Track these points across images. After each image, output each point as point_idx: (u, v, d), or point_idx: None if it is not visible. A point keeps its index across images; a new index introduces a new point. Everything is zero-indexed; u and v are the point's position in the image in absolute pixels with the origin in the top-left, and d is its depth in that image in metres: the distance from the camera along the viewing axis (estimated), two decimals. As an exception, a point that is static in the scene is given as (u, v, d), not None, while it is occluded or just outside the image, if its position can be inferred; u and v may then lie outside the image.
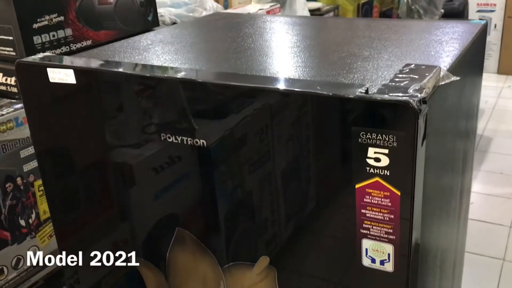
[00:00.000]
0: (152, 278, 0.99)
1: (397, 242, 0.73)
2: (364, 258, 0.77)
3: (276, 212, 0.85)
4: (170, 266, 0.96)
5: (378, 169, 0.70)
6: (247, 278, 0.88)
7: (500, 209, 2.95)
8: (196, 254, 0.92)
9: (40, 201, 1.35)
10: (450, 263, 1.19)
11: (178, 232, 0.92)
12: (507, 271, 2.49)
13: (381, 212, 0.73)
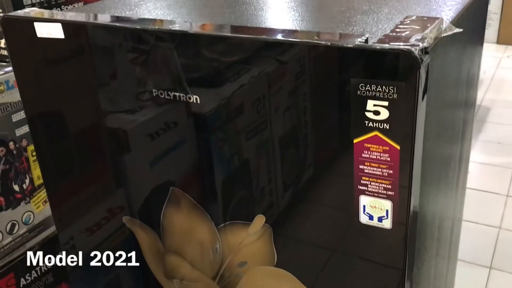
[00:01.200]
0: (147, 239, 0.98)
1: (395, 198, 0.72)
2: (362, 215, 0.75)
3: (273, 172, 0.84)
4: (165, 226, 0.94)
5: (377, 122, 0.68)
6: (242, 237, 0.87)
7: (497, 178, 2.96)
8: (191, 214, 0.90)
9: (33, 166, 1.33)
10: (447, 231, 1.19)
11: (172, 192, 0.91)
12: (503, 239, 2.51)
13: (379, 168, 0.71)
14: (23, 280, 1.33)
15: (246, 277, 0.89)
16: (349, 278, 0.85)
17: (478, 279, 2.28)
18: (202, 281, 0.94)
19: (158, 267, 0.99)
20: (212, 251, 0.91)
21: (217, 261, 0.91)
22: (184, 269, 0.95)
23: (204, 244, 0.91)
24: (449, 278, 1.45)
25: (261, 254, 0.86)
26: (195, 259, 0.94)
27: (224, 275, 0.92)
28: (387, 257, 0.79)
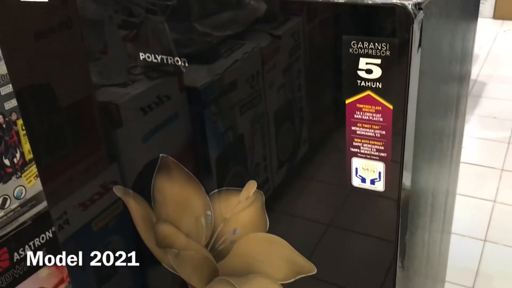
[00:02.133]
0: (138, 208, 0.97)
1: (388, 160, 0.71)
2: (354, 178, 0.74)
3: (268, 148, 0.83)
4: (155, 195, 0.94)
5: (370, 81, 0.67)
6: (234, 204, 0.86)
7: (492, 153, 2.97)
8: (182, 182, 0.90)
9: (24, 141, 1.32)
10: (441, 204, 1.19)
11: (163, 160, 0.90)
12: (498, 213, 2.53)
13: (372, 129, 0.70)
14: (17, 255, 1.32)
15: (239, 244, 0.89)
16: (343, 248, 0.84)
17: (473, 252, 2.30)
18: (194, 249, 0.94)
19: (150, 237, 0.98)
20: (204, 219, 0.90)
21: (209, 229, 0.91)
22: (176, 237, 0.95)
23: (196, 212, 0.90)
24: (443, 251, 1.45)
25: (253, 221, 0.86)
26: (187, 228, 0.93)
27: (217, 242, 0.92)
28: (380, 221, 0.78)
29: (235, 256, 0.90)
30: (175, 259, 0.97)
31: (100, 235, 1.09)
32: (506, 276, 2.20)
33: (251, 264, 0.89)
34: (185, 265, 0.97)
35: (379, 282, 0.82)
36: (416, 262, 0.96)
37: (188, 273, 0.97)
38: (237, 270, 0.91)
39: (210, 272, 0.94)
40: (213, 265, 0.93)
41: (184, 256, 0.96)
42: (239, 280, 0.91)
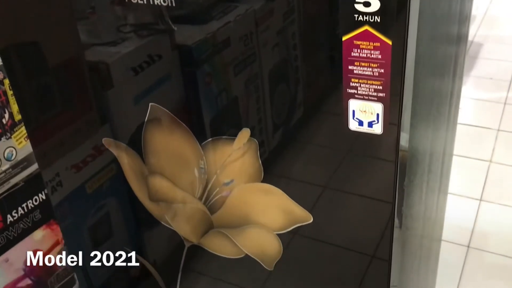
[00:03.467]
0: (130, 162, 0.95)
1: (386, 100, 0.69)
2: (351, 121, 0.72)
3: (263, 111, 0.81)
4: (147, 146, 0.92)
5: (368, 15, 0.64)
6: (227, 154, 0.84)
7: (488, 113, 2.98)
8: (173, 132, 0.87)
9: (12, 101, 1.29)
10: (437, 165, 1.18)
11: (152, 109, 0.87)
12: (494, 172, 2.55)
13: (370, 67, 0.67)
14: (10, 217, 1.31)
15: (233, 195, 0.88)
16: (339, 209, 0.84)
17: (469, 211, 2.33)
18: (188, 202, 0.92)
19: (143, 191, 0.97)
20: (197, 170, 0.89)
21: (202, 181, 0.89)
22: (169, 190, 0.93)
23: (188, 163, 0.89)
24: (440, 210, 1.46)
25: (247, 170, 0.84)
26: (180, 180, 0.92)
27: (210, 194, 0.90)
28: (376, 181, 0.77)
29: (230, 207, 0.89)
30: (169, 213, 0.96)
31: (94, 197, 1.08)
32: (501, 235, 2.23)
33: (246, 215, 0.88)
34: (179, 218, 0.95)
35: (375, 241, 0.82)
36: (413, 222, 0.95)
37: (182, 226, 0.96)
38: (232, 222, 0.90)
39: (205, 225, 0.93)
40: (208, 217, 0.92)
41: (178, 209, 0.94)
42: (234, 231, 0.90)
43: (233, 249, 0.92)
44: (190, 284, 1.03)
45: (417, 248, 1.07)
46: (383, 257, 0.82)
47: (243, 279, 0.98)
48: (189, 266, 1.01)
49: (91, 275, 1.21)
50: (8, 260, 1.35)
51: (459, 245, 2.16)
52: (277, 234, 0.87)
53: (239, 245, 0.90)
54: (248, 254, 0.91)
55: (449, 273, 2.01)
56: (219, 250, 0.94)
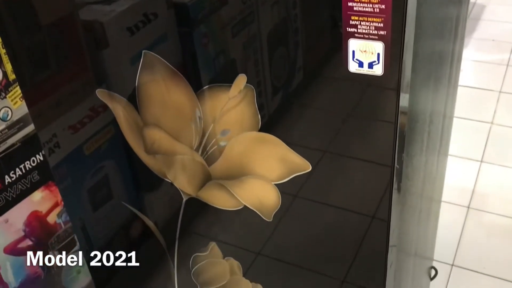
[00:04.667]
0: (124, 113, 0.93)
1: (387, 39, 0.66)
2: (351, 63, 0.70)
3: (262, 74, 0.79)
4: (141, 96, 0.90)
5: None
6: (224, 101, 0.83)
7: (490, 75, 2.97)
8: (167, 80, 0.85)
9: (5, 59, 1.27)
10: (438, 127, 1.18)
11: (146, 56, 0.85)
12: (495, 134, 2.55)
13: (370, 3, 0.64)
14: (8, 178, 1.31)
15: (230, 145, 0.86)
16: (339, 173, 0.83)
17: (469, 173, 2.34)
18: (184, 154, 0.91)
19: (139, 144, 0.95)
20: (192, 120, 0.87)
21: (198, 131, 0.87)
22: (165, 142, 0.91)
23: (184, 113, 0.87)
24: (440, 172, 1.46)
25: (244, 119, 0.82)
26: (175, 131, 0.90)
27: (207, 145, 0.89)
28: (376, 144, 0.76)
29: (227, 158, 0.88)
30: (166, 165, 0.94)
31: (92, 159, 1.08)
32: (501, 195, 2.25)
33: (243, 166, 0.87)
34: (177, 171, 0.94)
35: (375, 203, 0.82)
36: (412, 184, 0.95)
37: (180, 179, 0.95)
38: (229, 173, 0.89)
39: (203, 177, 0.92)
40: (205, 169, 0.90)
41: (175, 161, 0.93)
42: (232, 183, 0.89)
43: (231, 200, 0.90)
44: (189, 246, 1.03)
45: (417, 209, 1.07)
46: (383, 218, 0.82)
47: (241, 239, 0.99)
48: (189, 228, 1.02)
49: (92, 237, 1.21)
50: (8, 221, 1.35)
51: (459, 206, 2.18)
52: (277, 197, 0.87)
53: (237, 196, 0.89)
54: (246, 206, 0.90)
55: (449, 234, 2.03)
56: (217, 202, 0.93)
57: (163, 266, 1.08)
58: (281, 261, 0.97)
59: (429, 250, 1.54)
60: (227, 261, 0.99)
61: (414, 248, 1.17)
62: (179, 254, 1.04)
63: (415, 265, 1.23)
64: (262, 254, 0.97)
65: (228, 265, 1.00)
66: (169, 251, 1.05)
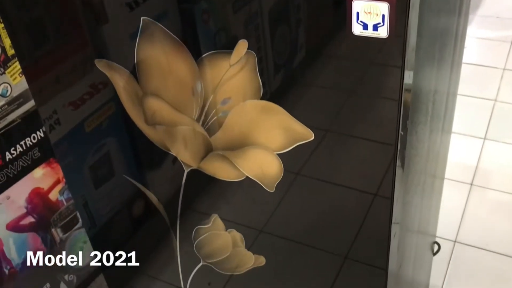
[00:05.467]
0: (124, 83, 0.92)
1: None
2: (355, 25, 0.68)
3: (263, 50, 0.78)
4: (140, 65, 0.88)
5: None
6: (225, 69, 0.81)
7: (494, 52, 2.95)
8: (167, 47, 0.84)
9: (3, 34, 1.25)
10: (441, 105, 1.16)
11: (144, 23, 0.83)
12: (498, 111, 2.54)
13: None
14: (9, 154, 1.31)
15: (232, 114, 0.85)
16: (341, 152, 0.82)
17: (473, 150, 2.34)
18: (185, 124, 0.89)
19: (140, 115, 0.94)
20: (193, 89, 0.85)
21: (199, 101, 0.86)
22: (165, 112, 0.90)
23: (184, 82, 0.85)
24: (443, 150, 1.45)
25: (246, 87, 0.81)
26: (176, 100, 0.88)
27: (208, 115, 0.87)
28: (380, 108, 0.75)
29: (229, 128, 0.86)
30: (166, 137, 0.93)
31: (93, 136, 1.07)
32: (504, 172, 2.25)
33: (245, 135, 0.85)
34: (178, 142, 0.93)
35: (378, 181, 0.81)
36: (416, 161, 0.94)
37: (181, 150, 0.94)
38: (231, 143, 0.88)
39: (204, 148, 0.91)
40: (206, 139, 0.89)
41: (176, 132, 0.92)
42: (234, 153, 0.88)
43: (233, 171, 0.90)
44: (191, 218, 1.03)
45: (420, 186, 1.07)
46: (386, 195, 0.81)
47: (244, 211, 0.98)
48: (191, 201, 1.01)
49: (94, 214, 1.21)
50: (10, 197, 1.36)
51: (462, 183, 2.18)
52: (280, 167, 0.86)
53: (239, 167, 0.88)
54: (248, 177, 0.89)
55: (452, 210, 2.03)
56: (219, 174, 0.92)
57: (166, 240, 1.08)
58: (284, 238, 0.97)
59: (432, 227, 1.54)
60: (229, 233, 0.99)
61: (417, 225, 1.17)
62: (181, 227, 1.04)
63: (418, 242, 1.23)
64: (264, 231, 0.97)
65: (231, 237, 0.99)
66: (171, 225, 1.05)
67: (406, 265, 1.07)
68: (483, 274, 1.83)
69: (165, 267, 1.15)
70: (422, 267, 1.43)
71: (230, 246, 1.00)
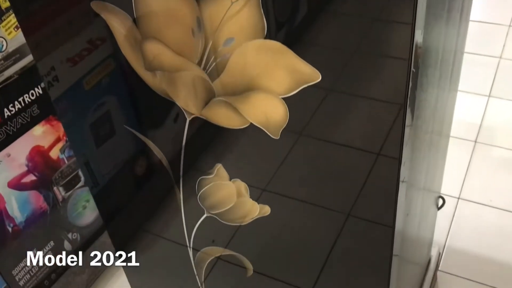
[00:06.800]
0: (122, 27, 0.88)
1: None
2: None
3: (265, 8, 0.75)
4: (138, 5, 0.85)
5: None
6: (226, 7, 0.77)
7: (500, 9, 2.90)
8: None
9: (-4, -14, 1.23)
10: (449, 63, 1.14)
11: None
12: (503, 68, 2.51)
13: None
14: (7, 111, 1.29)
15: (234, 56, 0.81)
16: (346, 113, 0.80)
17: (477, 108, 2.32)
18: (186, 68, 0.86)
19: (139, 61, 0.91)
20: (193, 30, 0.82)
21: (200, 43, 0.83)
22: (165, 56, 0.87)
23: (184, 23, 0.82)
24: (449, 108, 1.43)
25: (249, 26, 0.77)
26: (176, 43, 0.85)
27: (210, 58, 0.84)
28: (388, 67, 0.72)
29: (231, 71, 0.83)
30: (166, 83, 0.90)
31: (93, 94, 1.05)
32: (508, 129, 2.24)
33: (249, 79, 0.82)
34: (179, 88, 0.90)
35: (386, 139, 0.79)
36: (424, 121, 0.92)
37: (183, 97, 0.91)
38: (234, 88, 0.85)
39: (206, 93, 0.88)
40: (208, 84, 0.86)
41: (176, 78, 0.89)
42: (237, 99, 0.85)
43: (236, 118, 0.87)
44: (194, 169, 1.01)
45: (426, 145, 1.06)
46: (394, 155, 0.79)
47: (248, 160, 0.96)
48: (194, 151, 0.99)
49: (96, 173, 1.20)
50: (10, 155, 1.35)
51: (466, 141, 2.17)
52: (285, 112, 0.83)
53: (243, 113, 0.86)
54: (252, 124, 0.86)
55: (456, 168, 2.03)
56: (222, 121, 0.90)
57: (169, 196, 1.07)
58: (287, 196, 0.96)
59: (437, 184, 1.54)
60: (233, 183, 0.97)
61: (423, 182, 1.16)
62: (185, 179, 1.02)
63: (423, 199, 1.23)
64: (267, 190, 0.96)
65: (235, 187, 0.98)
66: (175, 177, 1.03)
67: (412, 222, 1.07)
68: (486, 230, 1.84)
69: (169, 223, 1.14)
70: (426, 223, 1.43)
71: (235, 196, 0.99)
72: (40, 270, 1.52)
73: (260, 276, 1.10)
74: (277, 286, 1.10)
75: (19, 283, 1.46)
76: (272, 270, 1.09)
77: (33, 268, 1.49)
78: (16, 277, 1.45)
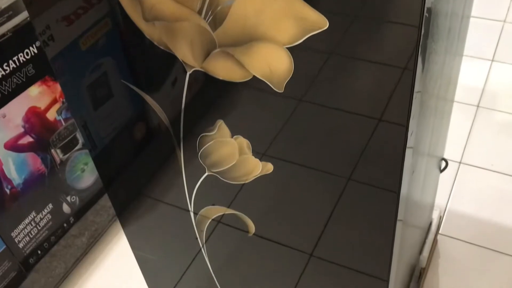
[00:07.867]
0: None
1: None
2: None
3: None
4: None
5: None
6: None
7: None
8: None
9: None
10: (456, 28, 1.11)
11: None
12: (507, 32, 2.49)
13: None
14: (1, 70, 1.26)
15: (236, 3, 0.78)
16: (348, 78, 0.78)
17: (480, 72, 2.30)
18: (186, 18, 0.83)
19: (137, 11, 0.88)
20: None
21: None
22: (164, 4, 0.83)
23: None
24: (454, 73, 1.42)
25: None
26: None
27: (211, 6, 0.80)
28: (397, 34, 0.69)
29: (233, 20, 0.80)
30: (166, 33, 0.87)
31: (90, 55, 1.02)
32: (511, 93, 2.23)
33: (252, 28, 0.79)
34: (178, 39, 0.87)
35: (382, 106, 0.77)
36: (431, 86, 0.90)
37: (182, 49, 0.88)
38: (236, 38, 0.81)
39: (207, 44, 0.85)
40: (209, 35, 0.83)
41: (176, 28, 0.86)
42: (240, 50, 0.82)
43: (238, 71, 0.84)
44: (195, 125, 0.99)
45: (432, 110, 1.04)
46: (401, 123, 0.77)
47: (250, 115, 0.94)
48: (194, 107, 0.97)
49: (94, 135, 1.19)
50: (6, 115, 1.33)
51: (469, 105, 2.16)
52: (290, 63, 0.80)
53: (245, 65, 0.83)
54: (255, 77, 0.84)
55: (458, 132, 2.02)
56: (223, 74, 0.87)
57: (169, 158, 1.06)
58: (287, 161, 0.95)
59: (440, 149, 1.54)
60: (235, 139, 0.96)
61: (428, 148, 1.15)
62: (185, 136, 1.01)
63: (427, 163, 1.22)
64: (267, 155, 0.95)
65: (237, 144, 0.96)
66: (175, 135, 1.02)
67: (416, 186, 1.07)
68: (487, 194, 1.84)
69: (169, 186, 1.13)
70: (429, 187, 1.44)
71: (237, 154, 0.97)
72: (40, 233, 1.52)
73: (260, 239, 1.10)
74: (278, 249, 1.10)
75: (18, 245, 1.46)
76: (272, 232, 1.09)
77: (32, 230, 1.49)
78: (15, 239, 1.45)
